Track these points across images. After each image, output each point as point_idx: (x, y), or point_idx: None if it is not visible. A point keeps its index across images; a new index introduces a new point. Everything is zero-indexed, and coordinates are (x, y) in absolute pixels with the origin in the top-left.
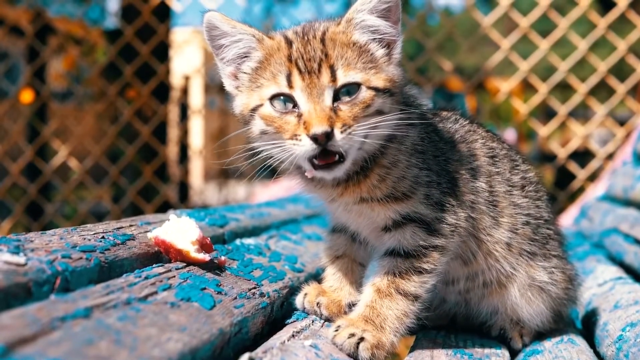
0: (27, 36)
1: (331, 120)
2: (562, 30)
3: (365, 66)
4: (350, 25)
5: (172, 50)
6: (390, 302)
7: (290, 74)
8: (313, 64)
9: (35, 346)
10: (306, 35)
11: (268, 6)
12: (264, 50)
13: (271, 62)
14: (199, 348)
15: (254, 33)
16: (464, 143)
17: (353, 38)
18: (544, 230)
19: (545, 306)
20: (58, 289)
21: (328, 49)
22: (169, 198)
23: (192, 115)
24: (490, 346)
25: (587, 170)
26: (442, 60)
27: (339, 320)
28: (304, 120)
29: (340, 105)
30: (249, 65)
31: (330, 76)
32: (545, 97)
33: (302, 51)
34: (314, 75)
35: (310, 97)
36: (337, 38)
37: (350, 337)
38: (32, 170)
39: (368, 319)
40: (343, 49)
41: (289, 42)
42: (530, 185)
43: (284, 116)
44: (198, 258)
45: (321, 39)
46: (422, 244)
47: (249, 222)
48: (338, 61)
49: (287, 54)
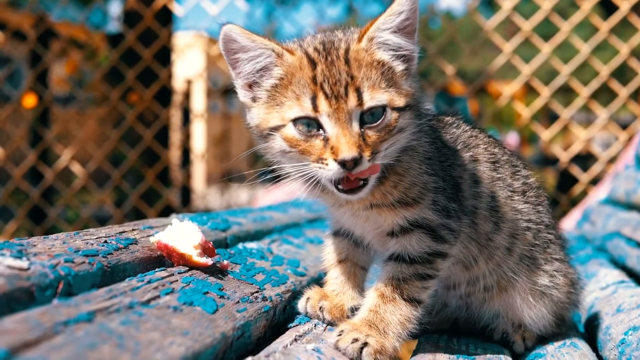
0: (29, 41)
1: (360, 147)
2: (565, 34)
3: (388, 84)
4: (373, 44)
5: (174, 55)
6: (393, 308)
7: (315, 97)
8: (340, 87)
9: (38, 350)
10: (329, 55)
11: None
12: (284, 66)
13: (293, 81)
14: (201, 352)
15: (274, 48)
16: (466, 148)
17: (376, 57)
18: (544, 234)
19: (547, 310)
20: (61, 293)
21: (353, 71)
22: (171, 202)
23: (194, 119)
24: (493, 350)
25: (589, 173)
26: (444, 64)
27: (342, 325)
28: (332, 145)
29: (368, 131)
30: (269, 82)
31: (357, 100)
32: (547, 101)
33: (328, 74)
34: (341, 100)
35: (338, 122)
36: (361, 58)
37: (353, 342)
38: (34, 174)
39: (371, 324)
40: (368, 70)
41: (312, 62)
42: (531, 191)
43: (309, 139)
44: (200, 262)
45: (345, 59)
46: (427, 251)
47: (252, 226)
48: (364, 83)
49: (311, 76)
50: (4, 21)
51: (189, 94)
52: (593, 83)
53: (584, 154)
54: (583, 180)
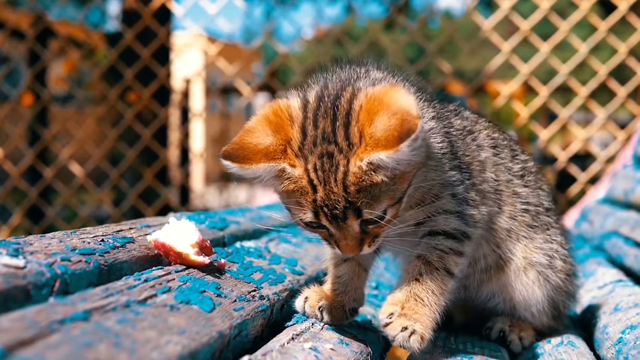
0: (27, 40)
1: (361, 244)
2: (563, 33)
3: (388, 188)
4: (373, 167)
5: (172, 54)
6: (436, 276)
7: (317, 213)
8: (338, 212)
9: (34, 349)
10: (327, 182)
11: (269, 9)
12: (287, 177)
13: (295, 191)
14: (198, 351)
15: (275, 166)
16: (471, 135)
17: (377, 179)
18: (543, 217)
19: (542, 292)
20: (57, 291)
21: (351, 197)
22: (169, 201)
23: (193, 118)
24: (490, 349)
25: (587, 173)
26: (442, 64)
27: (389, 304)
28: (335, 239)
29: (370, 225)
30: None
31: (356, 217)
32: (546, 100)
33: (326, 199)
34: (340, 221)
35: (338, 231)
36: (359, 183)
37: (403, 330)
38: (33, 173)
39: (417, 297)
40: (367, 191)
41: (312, 184)
42: (530, 175)
43: (315, 230)
44: (198, 261)
45: (343, 185)
46: (457, 228)
47: (249, 225)
48: (363, 205)
49: (312, 199)
50: (3, 20)
51: (187, 93)
52: (591, 82)
53: (582, 153)
54: (581, 180)
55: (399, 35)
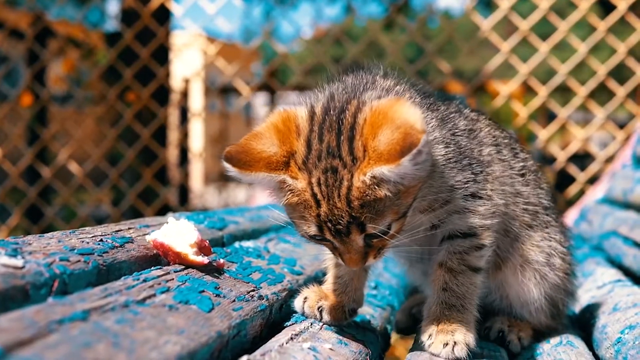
0: (27, 39)
1: (365, 257)
2: (562, 33)
3: (392, 203)
4: (377, 181)
5: (172, 53)
6: (463, 279)
7: (321, 227)
8: (342, 227)
9: (33, 349)
10: (331, 197)
11: (268, 9)
12: (289, 189)
13: (299, 204)
14: (197, 351)
15: (275, 177)
16: (473, 133)
17: (380, 194)
18: (542, 216)
19: (540, 290)
20: (56, 291)
21: (354, 212)
22: (169, 201)
23: (192, 118)
24: (489, 349)
25: (586, 173)
26: (442, 64)
27: (427, 325)
28: (339, 253)
29: (374, 240)
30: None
31: (360, 231)
32: (545, 100)
33: (329, 214)
34: (343, 235)
35: (342, 245)
36: (363, 197)
37: (445, 347)
38: (32, 173)
39: (450, 305)
40: (371, 205)
41: (316, 199)
42: (530, 174)
43: (320, 242)
44: (196, 261)
45: (347, 200)
46: (472, 225)
47: (249, 224)
48: (367, 220)
49: (315, 214)
50: (2, 19)
51: (186, 93)
52: (591, 82)
53: (581, 153)
54: (580, 180)
55: (398, 35)
